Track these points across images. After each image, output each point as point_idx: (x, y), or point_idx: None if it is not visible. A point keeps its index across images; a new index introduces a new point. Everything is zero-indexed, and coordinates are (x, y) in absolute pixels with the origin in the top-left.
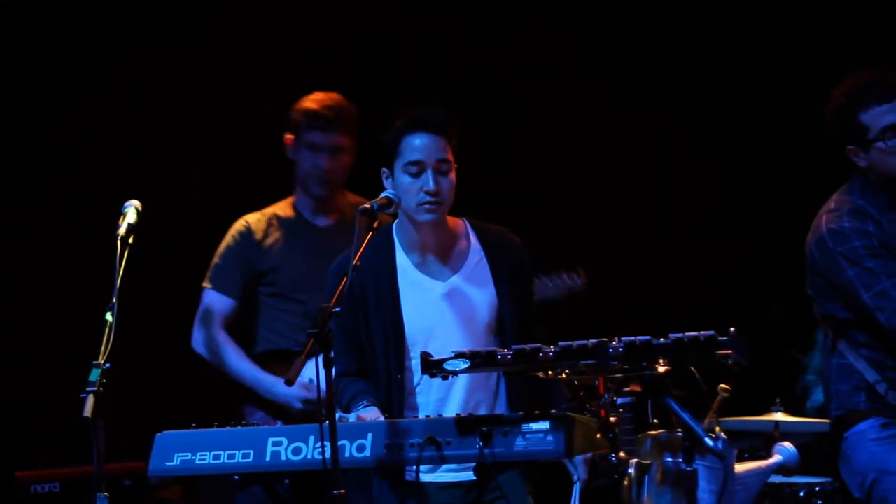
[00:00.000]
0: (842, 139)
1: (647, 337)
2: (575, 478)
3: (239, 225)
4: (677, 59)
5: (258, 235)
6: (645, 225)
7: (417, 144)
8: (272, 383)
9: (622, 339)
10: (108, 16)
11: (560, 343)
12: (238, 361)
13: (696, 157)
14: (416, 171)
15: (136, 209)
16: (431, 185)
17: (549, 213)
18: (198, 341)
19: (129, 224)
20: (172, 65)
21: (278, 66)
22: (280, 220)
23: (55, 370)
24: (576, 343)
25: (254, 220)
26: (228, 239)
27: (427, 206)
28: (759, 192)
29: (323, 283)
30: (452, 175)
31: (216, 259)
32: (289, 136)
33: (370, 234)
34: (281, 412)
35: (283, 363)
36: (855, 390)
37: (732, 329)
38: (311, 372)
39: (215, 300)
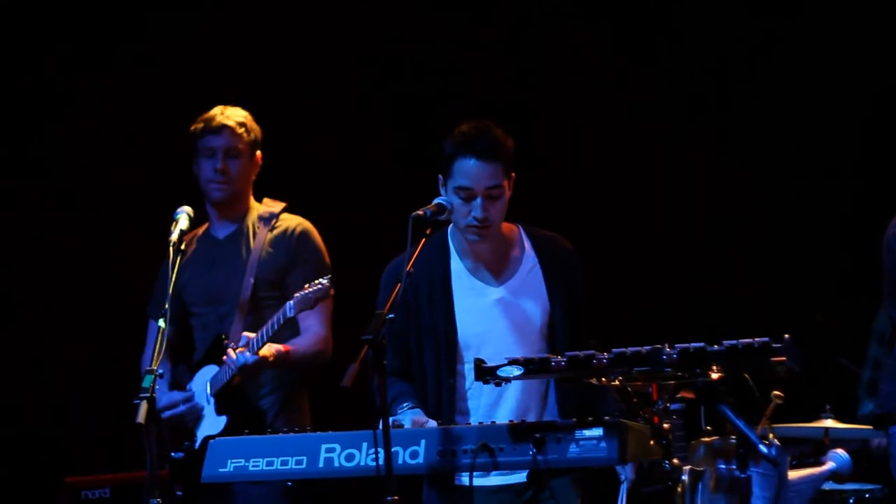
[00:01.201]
0: None
1: (701, 344)
2: (622, 478)
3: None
4: (702, 61)
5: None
6: (690, 231)
7: (467, 170)
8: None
9: (676, 345)
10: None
11: (614, 350)
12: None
13: (740, 162)
14: (466, 196)
15: (189, 215)
16: (480, 213)
17: (591, 220)
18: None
19: (181, 230)
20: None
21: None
22: (194, 238)
23: (103, 375)
24: (630, 350)
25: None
26: (163, 265)
27: (474, 229)
28: (807, 201)
29: (215, 296)
30: (505, 197)
31: (155, 287)
32: (191, 153)
33: (423, 240)
34: (172, 428)
35: (190, 375)
36: None
37: (787, 336)
38: (197, 384)
39: (152, 328)
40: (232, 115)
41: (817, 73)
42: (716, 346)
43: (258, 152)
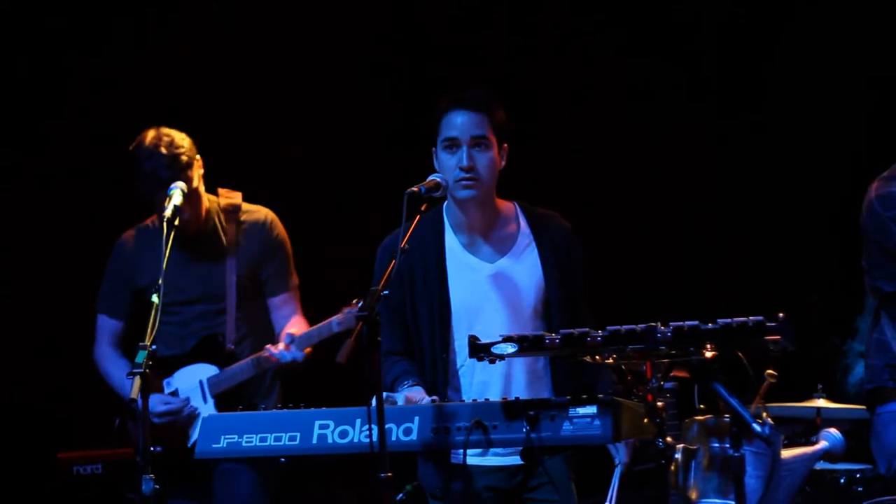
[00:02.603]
0: None
1: (696, 322)
2: (616, 460)
3: (116, 245)
4: (709, 44)
5: (130, 253)
6: (685, 211)
7: (452, 121)
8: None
9: (670, 324)
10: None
11: (608, 328)
12: (115, 381)
13: (737, 142)
14: (451, 146)
15: (182, 191)
16: (465, 161)
17: (589, 198)
18: (94, 359)
19: (174, 206)
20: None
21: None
22: (149, 234)
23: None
24: (624, 328)
25: (127, 237)
26: (108, 262)
27: (463, 182)
28: (800, 182)
29: (192, 295)
30: (492, 152)
31: (102, 282)
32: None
33: (418, 217)
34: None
35: (166, 370)
36: (886, 367)
37: (781, 315)
38: (181, 381)
39: (103, 323)
40: (166, 147)
41: (814, 59)
42: (710, 325)
43: (199, 159)
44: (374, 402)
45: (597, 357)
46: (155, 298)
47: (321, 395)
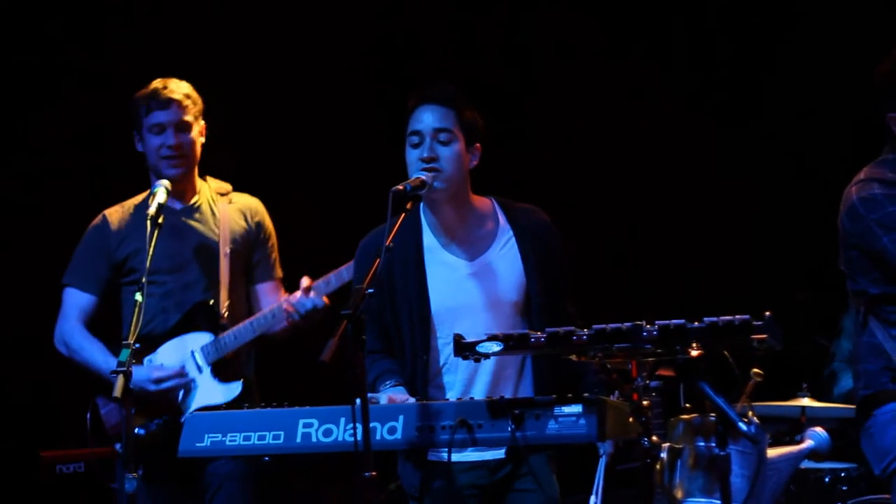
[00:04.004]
0: (885, 107)
1: (681, 321)
2: (601, 452)
3: (97, 219)
4: (706, 44)
5: (115, 226)
6: (670, 210)
7: (417, 115)
8: None
9: (656, 322)
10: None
11: (594, 326)
12: (92, 354)
13: (722, 143)
14: (417, 141)
15: (167, 189)
16: (425, 153)
17: (575, 197)
18: (56, 338)
19: (158, 203)
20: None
21: (300, 53)
22: (137, 208)
23: None
24: (610, 326)
25: (111, 211)
26: (86, 234)
27: (424, 174)
28: (785, 179)
29: (180, 263)
30: (458, 146)
31: (74, 256)
32: (134, 132)
33: (403, 215)
34: (135, 402)
35: (144, 347)
36: (884, 370)
37: (768, 313)
38: (167, 356)
39: (72, 298)
40: (177, 88)
41: (804, 59)
42: (696, 323)
43: (202, 123)
44: (358, 400)
45: (582, 356)
46: (139, 296)
47: (305, 393)
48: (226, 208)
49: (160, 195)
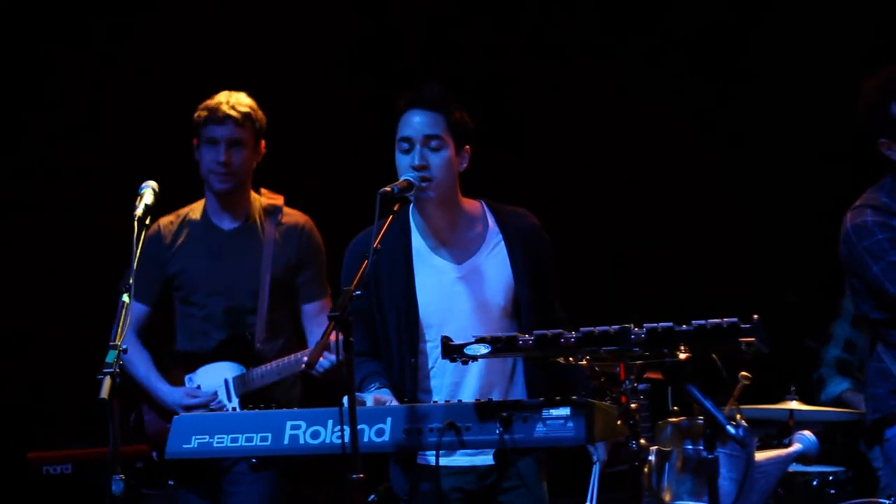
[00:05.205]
0: (873, 132)
1: (670, 323)
2: (594, 458)
3: (151, 228)
4: (694, 42)
5: (167, 239)
6: (660, 212)
7: (407, 120)
8: (163, 392)
9: (644, 325)
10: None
11: (582, 329)
12: (137, 368)
13: (712, 143)
14: (408, 147)
15: (154, 190)
16: (416, 161)
17: (564, 198)
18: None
19: (146, 205)
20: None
21: (283, 54)
22: (189, 223)
23: (67, 350)
24: (598, 329)
25: (165, 222)
26: (144, 242)
27: (411, 176)
28: (774, 181)
29: (222, 287)
30: (448, 152)
31: (131, 263)
32: (194, 139)
33: (390, 217)
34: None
35: (187, 365)
36: (891, 394)
37: (756, 316)
38: (205, 378)
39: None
40: (237, 105)
41: (792, 59)
42: (684, 326)
43: (262, 141)
44: (346, 402)
45: (570, 359)
46: (125, 298)
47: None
48: (273, 231)
49: (147, 196)
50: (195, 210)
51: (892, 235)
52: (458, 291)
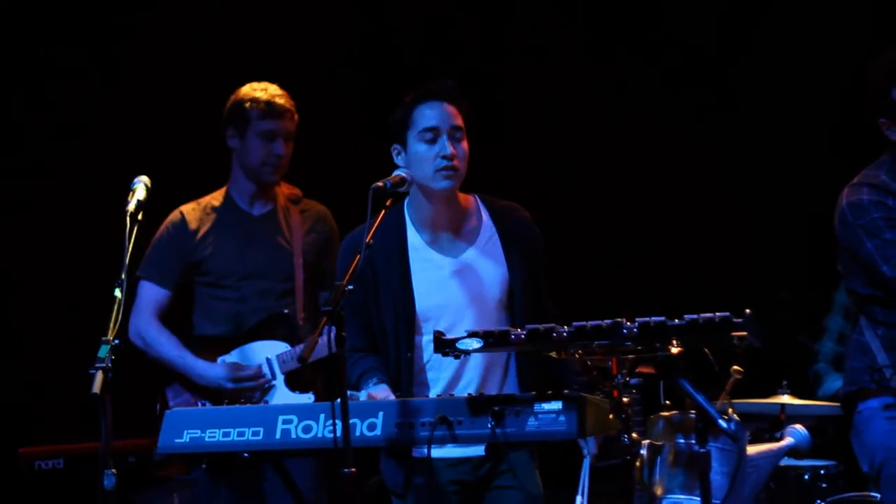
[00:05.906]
0: (875, 112)
1: (662, 318)
2: (585, 452)
3: (174, 216)
4: (687, 38)
5: (193, 225)
6: (653, 207)
7: (431, 112)
8: (203, 368)
9: (636, 319)
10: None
11: (574, 323)
12: (169, 349)
13: (706, 140)
14: (432, 137)
15: (146, 185)
16: (448, 150)
17: (556, 194)
18: (132, 332)
19: (138, 200)
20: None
21: (283, 53)
22: (214, 210)
23: (58, 346)
24: (590, 323)
25: (189, 209)
26: (163, 229)
27: (445, 171)
28: (769, 177)
29: (255, 270)
30: (465, 144)
31: (151, 250)
32: (232, 128)
33: (383, 211)
34: (208, 394)
35: (216, 348)
36: (866, 369)
37: (748, 311)
38: (241, 358)
39: (149, 290)
40: (286, 98)
41: (787, 56)
42: (676, 321)
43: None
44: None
45: (562, 353)
46: (118, 293)
47: None
48: (298, 217)
49: (139, 191)
50: (216, 198)
51: (887, 215)
52: (453, 285)
